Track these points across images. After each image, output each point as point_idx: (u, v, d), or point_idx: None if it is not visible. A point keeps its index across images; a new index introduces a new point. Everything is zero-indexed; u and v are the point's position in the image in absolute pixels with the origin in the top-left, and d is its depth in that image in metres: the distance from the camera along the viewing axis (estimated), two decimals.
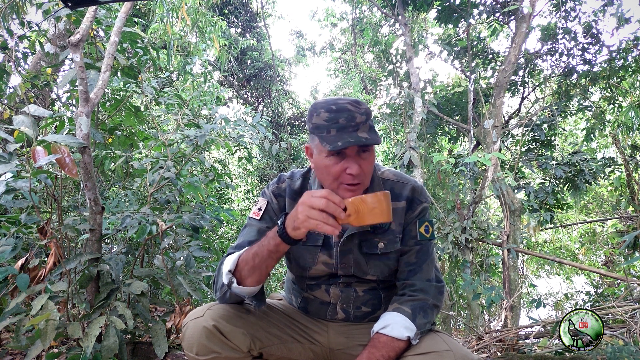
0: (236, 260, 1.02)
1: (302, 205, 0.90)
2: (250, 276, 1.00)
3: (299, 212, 0.91)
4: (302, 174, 1.21)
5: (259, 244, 1.00)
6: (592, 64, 5.93)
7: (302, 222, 0.89)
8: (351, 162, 1.00)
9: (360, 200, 0.91)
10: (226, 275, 1.01)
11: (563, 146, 8.35)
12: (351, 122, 0.98)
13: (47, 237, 1.67)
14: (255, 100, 10.92)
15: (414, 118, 5.31)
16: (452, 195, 6.21)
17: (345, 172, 1.00)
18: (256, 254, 0.99)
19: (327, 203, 0.88)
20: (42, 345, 1.41)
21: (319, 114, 1.00)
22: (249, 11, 10.20)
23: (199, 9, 4.67)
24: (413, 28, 7.79)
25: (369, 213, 0.91)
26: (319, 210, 0.88)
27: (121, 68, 2.33)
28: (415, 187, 1.15)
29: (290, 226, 0.93)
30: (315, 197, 0.90)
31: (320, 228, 0.88)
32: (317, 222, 0.88)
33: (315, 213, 0.88)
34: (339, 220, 0.90)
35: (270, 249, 0.96)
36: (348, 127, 0.98)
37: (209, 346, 1.00)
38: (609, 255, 8.97)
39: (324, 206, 0.88)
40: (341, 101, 1.00)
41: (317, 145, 1.02)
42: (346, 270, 1.15)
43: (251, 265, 0.99)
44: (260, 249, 0.98)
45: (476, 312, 4.91)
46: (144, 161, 2.37)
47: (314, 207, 0.88)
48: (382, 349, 0.98)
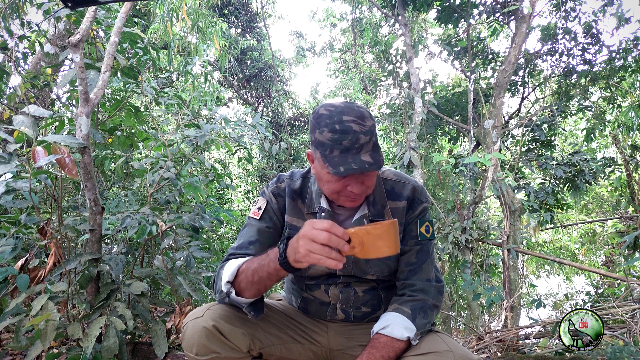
0: (235, 271, 1.01)
1: (304, 238, 0.85)
2: (249, 290, 1.00)
3: (299, 245, 0.86)
4: (302, 174, 1.21)
5: (259, 262, 0.98)
6: (592, 64, 5.93)
7: (304, 257, 0.85)
8: (353, 182, 0.99)
9: (365, 233, 0.86)
10: (225, 284, 1.01)
11: (563, 146, 8.35)
12: (355, 144, 0.94)
13: (47, 237, 1.67)
14: (255, 101, 10.92)
15: (414, 118, 5.31)
16: (452, 195, 6.21)
17: (347, 189, 1.00)
18: (255, 271, 0.97)
19: (329, 237, 0.83)
20: (42, 345, 1.41)
21: (322, 131, 0.96)
22: (249, 11, 10.21)
23: (199, 9, 4.67)
24: (413, 28, 7.80)
25: (374, 247, 0.86)
26: (321, 245, 0.84)
27: (121, 68, 2.33)
28: (415, 187, 1.15)
29: (291, 258, 0.89)
30: (317, 230, 0.84)
31: (323, 263, 0.84)
32: (319, 257, 0.84)
33: (317, 247, 0.84)
34: (343, 252, 0.86)
35: (269, 272, 0.95)
36: (352, 149, 0.94)
37: (209, 346, 1.00)
38: (609, 255, 8.96)
39: (326, 240, 0.83)
40: (346, 118, 0.95)
41: (319, 160, 1.00)
42: (345, 269, 1.15)
43: (250, 280, 0.98)
44: (260, 268, 0.96)
45: (476, 312, 4.91)
46: (144, 161, 2.37)
47: (315, 240, 0.84)
48: (382, 349, 0.98)
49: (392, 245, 0.86)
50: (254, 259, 1.01)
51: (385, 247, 0.86)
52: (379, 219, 1.12)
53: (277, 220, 1.17)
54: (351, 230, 0.87)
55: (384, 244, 0.86)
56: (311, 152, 1.06)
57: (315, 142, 1.00)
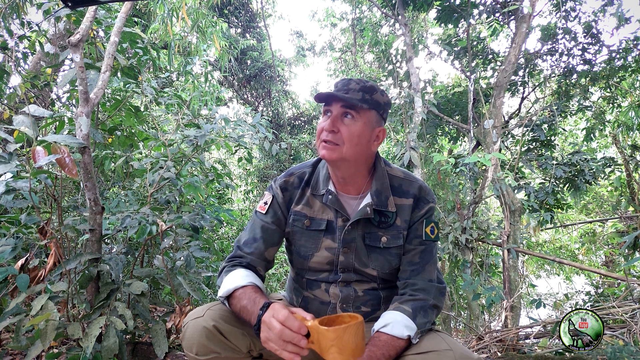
0: (231, 291, 1.04)
1: (264, 324, 0.87)
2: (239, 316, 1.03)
3: (262, 330, 0.88)
4: (312, 163, 1.24)
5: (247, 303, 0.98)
6: (592, 64, 5.93)
7: (264, 343, 0.87)
8: (329, 121, 1.05)
9: (320, 333, 0.80)
10: (220, 297, 1.06)
11: (563, 146, 8.35)
12: (345, 85, 1.05)
13: (47, 237, 1.67)
14: (255, 101, 10.92)
15: (414, 118, 5.31)
16: (452, 195, 6.21)
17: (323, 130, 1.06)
18: (242, 309, 0.99)
19: (281, 330, 0.83)
20: (42, 345, 1.41)
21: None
22: (249, 11, 10.21)
23: (199, 9, 4.67)
24: (413, 28, 7.80)
25: (326, 350, 0.79)
26: (276, 336, 0.84)
27: (121, 68, 2.33)
28: (422, 187, 1.16)
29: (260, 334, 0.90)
30: (273, 320, 0.85)
31: (279, 354, 0.84)
32: (275, 347, 0.84)
33: (274, 337, 0.84)
34: (302, 346, 0.82)
35: (250, 319, 0.96)
36: (341, 89, 1.05)
37: (209, 346, 1.00)
38: (609, 255, 8.96)
39: (278, 333, 0.83)
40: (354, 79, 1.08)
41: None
42: (347, 258, 1.15)
43: (237, 311, 1.02)
44: (245, 312, 0.98)
45: (476, 312, 4.91)
46: (144, 161, 2.37)
47: (271, 329, 0.85)
48: (382, 348, 0.98)
49: (348, 352, 0.78)
50: (245, 294, 1.01)
51: (337, 352, 0.78)
52: (382, 209, 1.13)
53: (282, 214, 1.20)
54: (309, 324, 0.83)
55: (336, 350, 0.78)
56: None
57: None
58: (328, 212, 1.17)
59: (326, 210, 1.17)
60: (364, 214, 1.11)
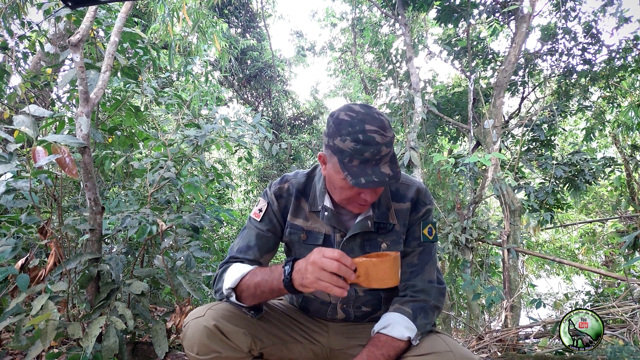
0: (238, 280, 1.03)
1: (314, 265, 0.89)
2: (250, 301, 1.03)
3: (308, 271, 0.89)
4: (306, 173, 1.21)
5: (262, 276, 0.99)
6: (592, 64, 5.93)
7: (312, 283, 0.88)
8: (368, 192, 0.99)
9: (371, 265, 0.90)
10: (227, 290, 1.04)
11: (563, 146, 8.36)
12: (376, 155, 0.94)
13: (47, 237, 1.67)
14: (255, 100, 10.92)
15: (414, 118, 5.31)
16: (452, 195, 6.21)
17: (360, 197, 1.00)
18: (258, 285, 0.99)
19: (339, 267, 0.87)
20: (42, 345, 1.41)
21: (344, 140, 0.94)
22: (249, 11, 10.21)
23: (200, 9, 4.67)
24: (413, 28, 7.79)
25: (378, 279, 0.90)
26: (330, 273, 0.87)
27: (121, 68, 2.33)
28: (420, 189, 1.15)
29: (298, 281, 0.91)
30: (327, 259, 0.88)
31: (329, 290, 0.87)
32: (326, 285, 0.87)
33: (326, 275, 0.87)
34: (348, 281, 0.89)
35: (272, 288, 0.97)
36: (372, 160, 0.94)
37: (210, 346, 1.00)
38: (609, 255, 8.97)
39: (336, 269, 0.87)
40: (368, 127, 0.94)
41: (335, 165, 0.98)
42: None
43: (252, 292, 1.01)
44: (263, 283, 0.98)
45: (476, 312, 4.91)
46: (144, 161, 2.37)
47: (325, 269, 0.87)
48: (382, 349, 0.98)
49: (395, 278, 0.91)
50: (258, 272, 1.02)
51: (388, 279, 0.90)
52: (383, 222, 1.12)
53: (277, 222, 1.17)
54: (358, 260, 0.90)
55: (388, 276, 0.90)
56: (325, 155, 1.04)
57: (333, 148, 0.98)
58: (325, 225, 1.15)
59: (323, 224, 1.15)
60: (364, 227, 1.10)
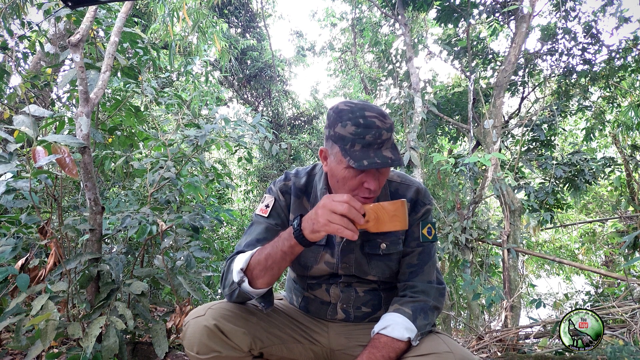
0: (248, 260, 1.00)
1: (323, 208, 0.90)
2: (262, 277, 0.99)
3: (319, 215, 0.90)
4: (306, 171, 1.21)
5: (272, 245, 0.99)
6: (591, 64, 5.93)
7: (323, 226, 0.89)
8: (370, 178, 0.99)
9: (380, 208, 0.92)
10: (237, 273, 1.00)
11: (563, 146, 8.35)
12: (377, 139, 0.95)
13: (47, 237, 1.67)
14: (255, 100, 10.92)
15: (414, 118, 5.31)
16: (452, 195, 6.21)
17: (363, 186, 1.00)
18: (269, 255, 0.98)
19: (349, 208, 0.88)
20: (42, 345, 1.41)
21: (344, 125, 0.96)
22: (249, 11, 10.20)
23: (200, 9, 4.67)
24: (413, 28, 7.79)
25: (389, 221, 0.92)
26: (340, 215, 0.88)
27: (121, 68, 2.33)
28: (419, 189, 1.15)
29: (308, 229, 0.92)
30: (337, 202, 0.89)
31: (341, 232, 0.88)
32: (337, 227, 0.88)
33: (337, 218, 0.88)
34: (357, 225, 0.90)
35: (284, 250, 0.96)
36: (374, 144, 0.95)
37: (210, 345, 1.00)
38: (609, 255, 8.97)
39: (346, 211, 0.88)
40: (368, 114, 0.96)
41: (337, 155, 0.99)
42: (347, 269, 1.15)
43: (263, 266, 0.98)
44: (274, 250, 0.97)
45: (476, 312, 4.91)
46: (144, 161, 2.37)
47: (335, 211, 0.88)
48: (382, 349, 0.98)
49: (404, 221, 0.93)
50: (266, 245, 1.01)
51: (397, 221, 0.92)
52: None
53: (285, 217, 1.17)
54: (367, 205, 0.93)
55: (397, 219, 0.92)
56: (325, 149, 1.05)
57: (334, 137, 0.99)
58: None
59: None
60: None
